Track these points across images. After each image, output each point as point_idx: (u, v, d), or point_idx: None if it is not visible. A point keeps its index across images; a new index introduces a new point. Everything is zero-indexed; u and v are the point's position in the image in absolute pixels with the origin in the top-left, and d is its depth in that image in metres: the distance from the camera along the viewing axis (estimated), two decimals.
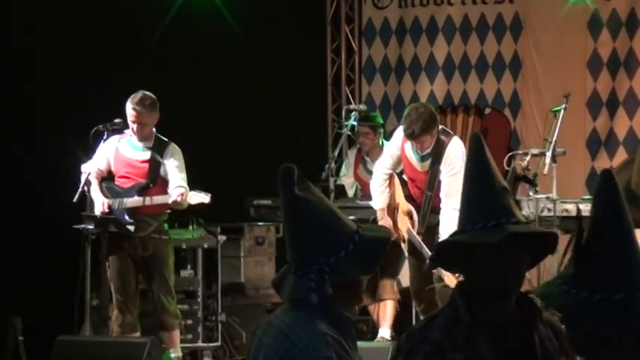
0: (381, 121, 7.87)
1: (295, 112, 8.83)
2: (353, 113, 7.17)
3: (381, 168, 6.74)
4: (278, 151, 8.74)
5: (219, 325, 7.86)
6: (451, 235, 2.66)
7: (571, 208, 6.81)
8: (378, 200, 6.76)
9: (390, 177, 6.74)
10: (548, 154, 6.65)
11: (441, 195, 6.41)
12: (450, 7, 9.12)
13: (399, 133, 6.64)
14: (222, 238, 7.87)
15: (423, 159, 6.54)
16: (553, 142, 6.68)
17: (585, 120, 8.65)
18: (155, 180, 6.63)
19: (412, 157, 6.59)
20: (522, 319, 2.61)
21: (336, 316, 2.82)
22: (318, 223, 2.82)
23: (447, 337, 2.53)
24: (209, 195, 6.50)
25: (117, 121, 6.65)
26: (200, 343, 7.74)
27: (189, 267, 8.02)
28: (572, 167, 8.18)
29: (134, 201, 6.57)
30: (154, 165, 6.63)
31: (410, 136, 6.40)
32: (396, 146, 6.65)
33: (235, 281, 8.37)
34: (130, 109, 6.60)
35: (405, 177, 6.73)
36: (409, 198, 6.69)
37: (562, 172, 6.81)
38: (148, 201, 6.55)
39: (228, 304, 8.11)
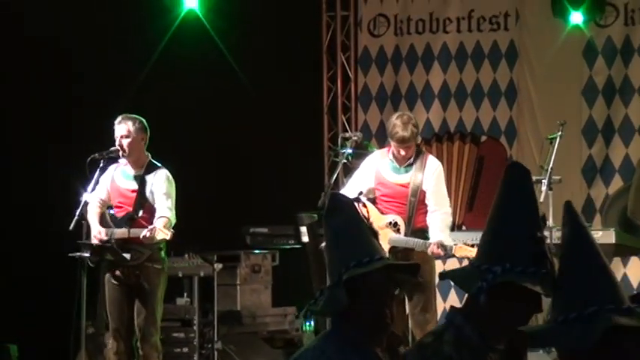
0: (375, 148, 7.85)
1: (291, 140, 8.85)
2: (349, 141, 7.15)
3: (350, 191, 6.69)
4: (274, 179, 8.81)
5: (216, 353, 7.83)
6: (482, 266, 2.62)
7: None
8: None
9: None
10: (545, 181, 6.66)
11: (431, 204, 6.53)
12: (445, 35, 9.15)
13: (373, 157, 6.75)
14: (218, 266, 7.84)
15: (405, 170, 6.59)
16: (549, 169, 6.69)
17: (581, 147, 8.65)
18: (140, 210, 6.59)
19: (390, 173, 6.63)
20: (512, 345, 2.64)
21: (346, 337, 2.87)
22: (330, 249, 2.93)
23: (459, 353, 2.57)
24: (172, 231, 6.39)
25: (113, 148, 6.64)
26: None
27: (185, 295, 8.06)
28: (568, 195, 8.12)
29: (121, 232, 6.57)
30: (141, 194, 6.60)
31: (400, 140, 6.49)
32: (371, 168, 6.69)
33: (231, 309, 8.35)
34: (116, 126, 6.60)
35: (377, 199, 6.71)
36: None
37: (558, 199, 6.81)
38: (130, 233, 6.53)
39: (224, 332, 8.09)
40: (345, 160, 7.32)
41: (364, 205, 6.59)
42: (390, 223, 6.57)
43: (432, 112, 9.15)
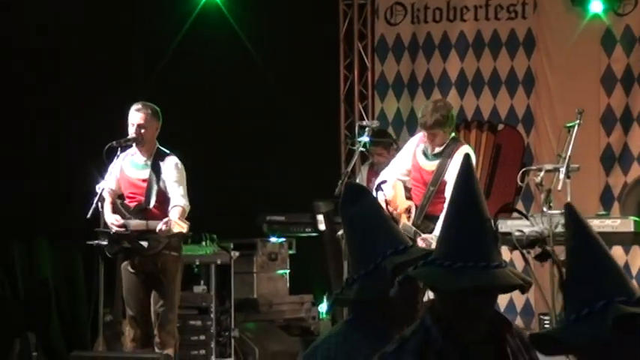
0: (393, 138, 7.81)
1: (308, 129, 8.82)
2: (366, 129, 7.14)
3: (390, 176, 6.66)
4: (291, 167, 8.81)
5: (232, 341, 7.83)
6: (427, 264, 2.62)
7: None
8: None
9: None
10: (562, 169, 6.60)
11: (447, 195, 6.37)
12: (462, 23, 9.09)
13: (414, 138, 6.71)
14: (235, 254, 7.83)
15: (434, 157, 6.53)
16: (567, 157, 6.63)
17: (599, 135, 8.57)
18: (151, 200, 6.57)
19: (422, 159, 6.58)
20: (493, 333, 2.62)
21: (371, 326, 2.87)
22: (355, 239, 2.91)
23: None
24: (188, 224, 6.36)
25: (130, 136, 6.63)
26: (213, 359, 7.72)
27: (202, 283, 8.00)
28: (586, 183, 8.13)
29: (136, 224, 6.56)
30: (151, 183, 6.58)
31: (422, 125, 6.42)
32: (410, 150, 6.65)
33: (248, 297, 8.35)
34: (133, 112, 6.60)
35: (409, 185, 6.71)
36: (409, 199, 6.68)
37: (576, 187, 6.76)
38: (145, 225, 6.51)
39: (241, 319, 8.10)
40: (361, 149, 7.32)
41: (394, 187, 6.55)
42: (407, 209, 6.56)
43: (449, 101, 8.95)
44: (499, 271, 2.54)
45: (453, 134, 6.61)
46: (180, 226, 6.31)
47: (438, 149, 6.52)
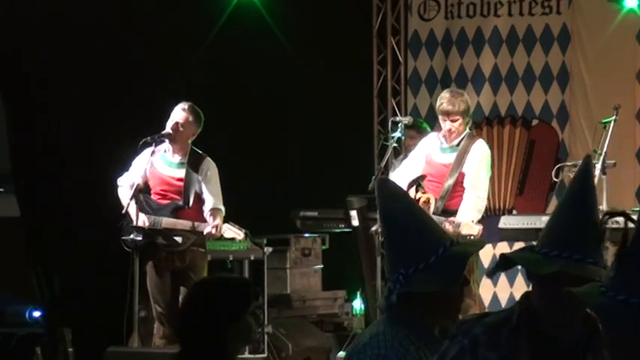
0: (429, 128, 7.81)
1: (341, 124, 8.79)
2: (399, 125, 7.13)
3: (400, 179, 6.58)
4: (324, 162, 8.81)
5: (266, 337, 7.83)
6: (526, 249, 2.67)
7: (621, 219, 6.66)
8: None
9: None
10: (598, 165, 6.56)
11: (467, 186, 6.45)
12: (496, 18, 9.02)
13: (426, 139, 6.72)
14: (268, 249, 7.82)
15: (451, 150, 6.54)
16: (603, 153, 6.58)
17: (635, 131, 8.46)
18: (189, 200, 6.58)
19: (438, 153, 6.59)
20: (581, 338, 2.59)
21: (412, 323, 2.86)
22: (406, 235, 2.86)
23: (488, 335, 2.55)
24: (243, 231, 6.46)
25: (165, 132, 6.63)
26: (247, 355, 7.71)
27: None
28: (621, 179, 8.05)
29: (169, 222, 6.56)
30: (189, 184, 6.58)
31: (445, 112, 6.45)
32: (423, 151, 6.66)
33: (281, 293, 8.35)
34: (178, 110, 6.59)
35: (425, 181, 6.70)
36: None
37: (612, 183, 6.72)
38: (182, 225, 6.53)
39: (274, 315, 8.09)
40: (395, 144, 7.33)
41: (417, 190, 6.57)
42: (425, 202, 6.54)
43: (482, 96, 9.04)
44: (592, 267, 2.53)
45: (469, 129, 6.64)
46: (234, 232, 6.37)
47: (455, 141, 6.53)
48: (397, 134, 7.16)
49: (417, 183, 6.46)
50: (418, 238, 2.85)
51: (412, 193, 6.50)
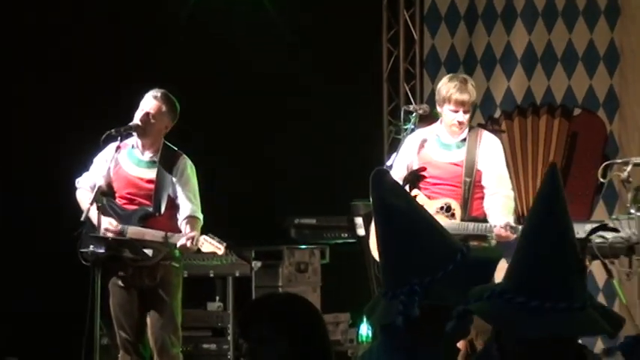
0: None
1: (345, 114, 8.81)
2: (413, 115, 7.12)
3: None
4: (325, 160, 8.81)
5: None
6: (493, 296, 2.64)
7: (610, 234, 6.74)
8: None
9: None
10: None
11: (490, 186, 6.58)
12: None
13: (414, 135, 6.79)
14: (256, 264, 7.91)
15: (456, 146, 6.65)
16: None
17: None
18: (161, 206, 6.57)
19: (439, 151, 6.67)
20: None
21: (432, 342, 2.83)
22: (413, 239, 2.82)
23: None
24: (224, 244, 6.43)
25: (132, 124, 6.58)
26: None
27: (217, 299, 8.16)
28: None
29: (137, 231, 6.53)
30: (161, 186, 6.56)
31: (460, 102, 6.56)
32: (413, 149, 6.72)
33: None
34: (149, 98, 6.57)
35: (421, 184, 6.74)
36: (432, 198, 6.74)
37: None
38: (151, 235, 6.51)
39: None
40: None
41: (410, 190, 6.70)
42: (442, 208, 6.57)
43: (513, 81, 9.05)
44: (582, 314, 2.53)
45: None
46: (214, 246, 6.35)
47: (462, 135, 6.65)
48: (411, 126, 7.15)
49: (411, 181, 6.46)
50: (430, 242, 2.84)
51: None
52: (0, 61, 8.17)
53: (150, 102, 6.55)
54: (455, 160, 6.63)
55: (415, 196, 6.46)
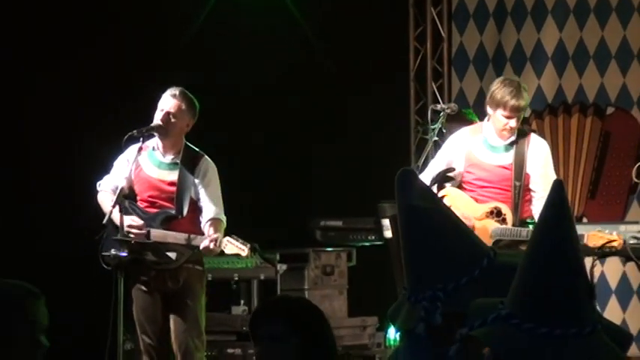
0: (477, 119, 7.78)
1: (370, 115, 8.81)
2: (441, 114, 7.10)
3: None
4: (350, 161, 8.77)
5: None
6: (498, 320, 2.52)
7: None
8: None
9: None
10: None
11: (539, 189, 6.54)
12: None
13: (460, 134, 6.76)
14: (282, 267, 7.89)
15: (505, 149, 6.62)
16: None
17: None
18: (184, 209, 6.55)
19: (487, 153, 6.65)
20: None
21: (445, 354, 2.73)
22: (438, 241, 2.74)
23: None
24: (248, 246, 6.41)
25: (154, 125, 6.55)
26: None
27: (242, 303, 8.12)
28: None
29: (159, 234, 6.52)
30: (183, 188, 6.54)
31: (513, 108, 6.49)
32: (460, 149, 6.68)
33: None
34: (167, 97, 6.54)
35: (466, 185, 6.75)
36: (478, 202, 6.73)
37: None
38: (174, 238, 6.50)
39: None
40: (435, 138, 7.27)
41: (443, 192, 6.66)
42: (492, 212, 6.54)
43: (544, 79, 9.02)
44: (593, 339, 2.43)
45: None
46: (237, 247, 6.33)
47: (512, 138, 6.61)
48: (438, 125, 7.14)
49: (439, 181, 6.40)
50: (455, 245, 2.77)
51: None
52: (14, 61, 8.18)
53: (169, 101, 6.52)
54: (503, 163, 6.62)
55: (443, 197, 6.40)
